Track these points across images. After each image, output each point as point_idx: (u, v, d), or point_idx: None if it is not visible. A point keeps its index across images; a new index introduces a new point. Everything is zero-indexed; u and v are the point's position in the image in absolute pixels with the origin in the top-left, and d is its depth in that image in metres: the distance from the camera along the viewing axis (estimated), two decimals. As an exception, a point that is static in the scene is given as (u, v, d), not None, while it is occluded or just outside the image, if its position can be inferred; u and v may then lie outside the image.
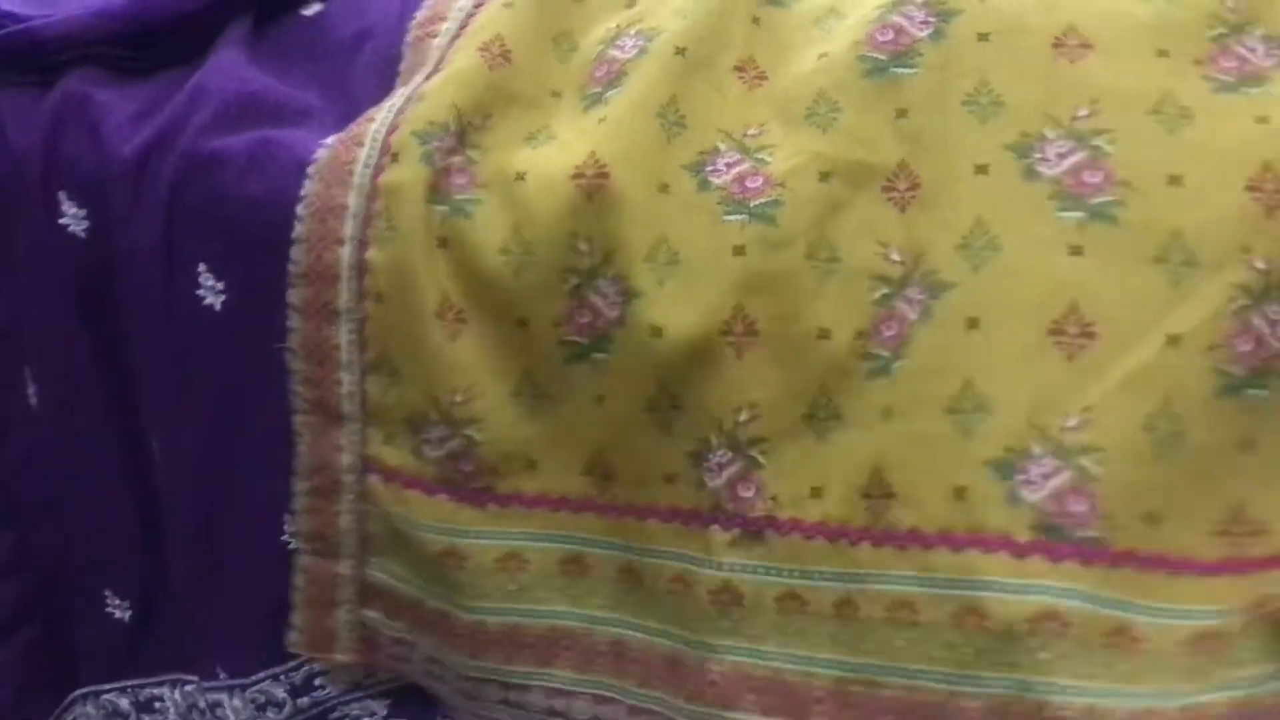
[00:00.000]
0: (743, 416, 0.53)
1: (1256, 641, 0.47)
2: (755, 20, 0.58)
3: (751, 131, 0.55)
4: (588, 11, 0.61)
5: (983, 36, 0.53)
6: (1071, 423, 0.47)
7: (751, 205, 0.52)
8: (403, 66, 0.61)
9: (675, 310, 0.52)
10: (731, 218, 0.52)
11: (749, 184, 0.53)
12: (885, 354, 0.51)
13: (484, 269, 0.54)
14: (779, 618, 0.53)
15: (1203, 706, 0.46)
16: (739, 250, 0.52)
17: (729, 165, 0.54)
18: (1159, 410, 0.47)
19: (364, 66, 0.62)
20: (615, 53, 0.58)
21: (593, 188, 0.53)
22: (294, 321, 0.56)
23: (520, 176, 0.55)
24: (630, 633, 0.56)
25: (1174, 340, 0.46)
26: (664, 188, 0.54)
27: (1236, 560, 0.47)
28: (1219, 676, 0.46)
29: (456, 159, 0.56)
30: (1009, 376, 0.48)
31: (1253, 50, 0.51)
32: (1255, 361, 0.47)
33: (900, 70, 0.54)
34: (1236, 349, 0.46)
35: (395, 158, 0.55)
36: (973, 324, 0.49)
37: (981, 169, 0.51)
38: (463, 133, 0.57)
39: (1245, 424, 0.47)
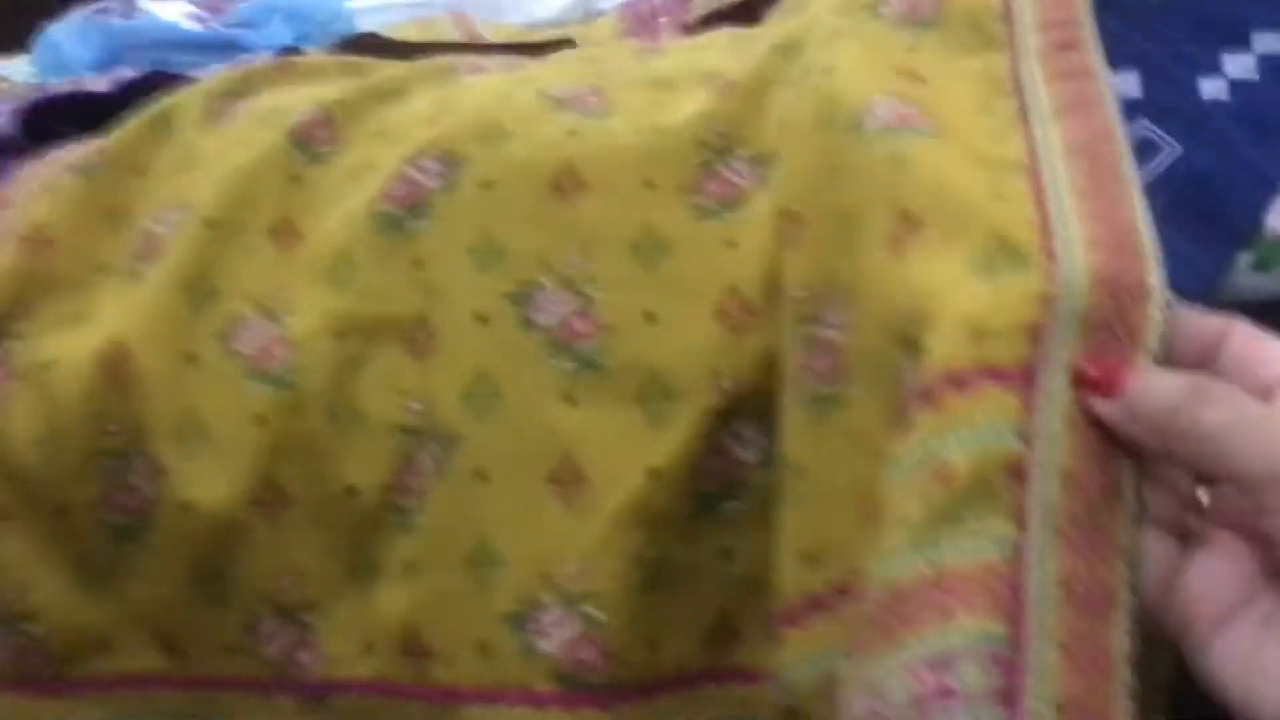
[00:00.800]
0: (285, 582, 0.53)
1: None
2: (294, 179, 0.58)
3: (281, 295, 0.55)
4: (148, 184, 0.61)
5: (486, 185, 0.54)
6: (572, 569, 0.48)
7: (271, 372, 0.53)
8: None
9: (203, 485, 0.52)
10: (254, 386, 0.53)
11: (273, 350, 0.54)
12: (410, 506, 0.52)
13: (20, 463, 0.54)
14: None
15: None
16: (261, 419, 0.52)
17: (254, 333, 0.54)
18: (646, 542, 0.48)
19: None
20: (155, 228, 0.58)
21: (114, 369, 0.53)
22: None
23: (49, 364, 0.54)
24: None
25: (654, 473, 0.48)
26: (191, 359, 0.54)
27: (716, 670, 0.49)
28: None
29: None
30: (517, 528, 0.50)
31: (738, 173, 0.54)
32: (725, 476, 0.49)
33: (414, 224, 0.55)
34: (708, 468, 0.48)
35: None
36: (481, 476, 0.50)
37: (482, 318, 0.52)
38: (1, 328, 0.56)
39: (723, 536, 0.49)
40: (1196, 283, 0.52)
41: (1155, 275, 0.38)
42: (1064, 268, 0.38)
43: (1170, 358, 0.37)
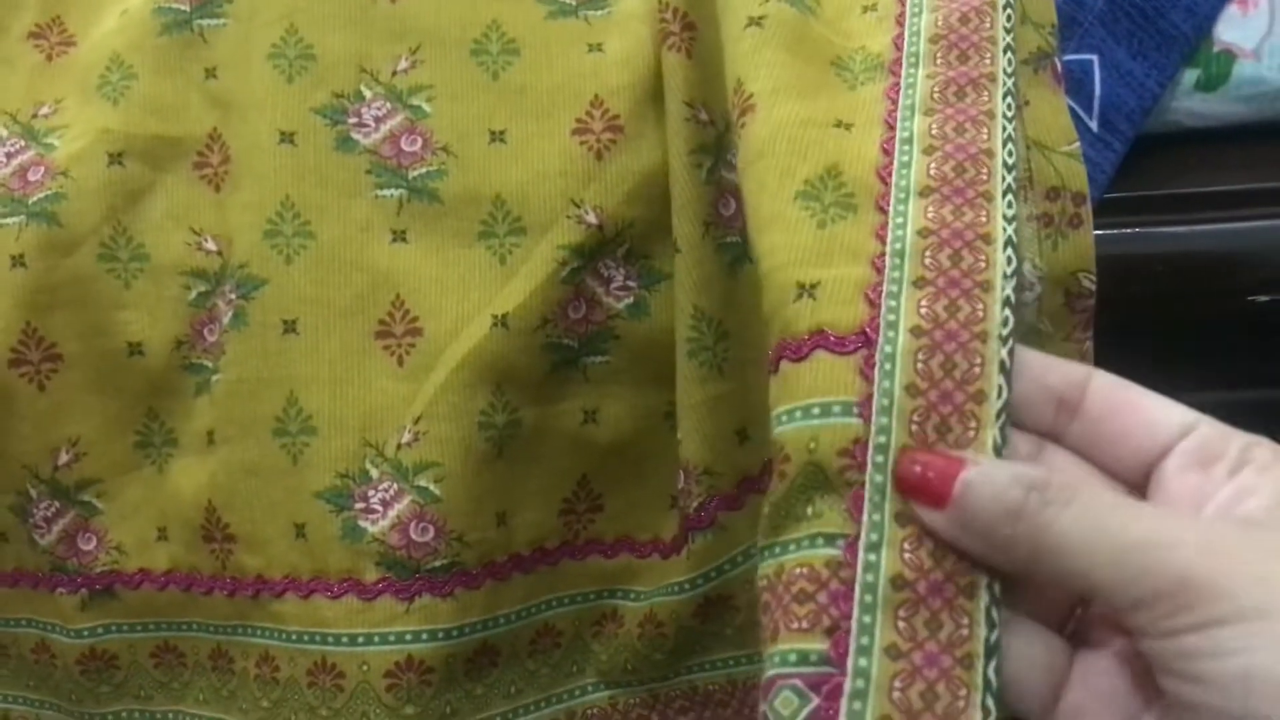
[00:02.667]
0: (63, 458, 0.44)
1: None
2: None
3: (44, 111, 0.45)
4: None
5: None
6: (406, 438, 0.40)
7: (29, 202, 0.43)
8: None
9: None
10: (7, 220, 0.43)
11: (30, 177, 0.43)
12: (209, 364, 0.43)
13: None
14: (160, 674, 0.45)
15: None
16: (18, 260, 0.42)
17: (9, 155, 0.44)
18: (492, 403, 0.40)
19: None
20: None
21: None
22: None
23: None
24: (12, 706, 0.48)
25: (500, 321, 0.40)
26: None
27: (574, 543, 0.43)
28: None
29: None
30: (334, 388, 0.41)
31: None
32: (590, 327, 0.41)
33: (205, 22, 0.45)
34: (569, 318, 0.40)
35: None
36: (290, 327, 0.42)
37: (287, 137, 0.42)
38: None
39: (586, 396, 0.41)
40: (1141, 102, 0.45)
41: (999, 227, 0.31)
42: (895, 222, 0.31)
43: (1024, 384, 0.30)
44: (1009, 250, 0.30)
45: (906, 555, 0.27)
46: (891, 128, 0.33)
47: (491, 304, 0.41)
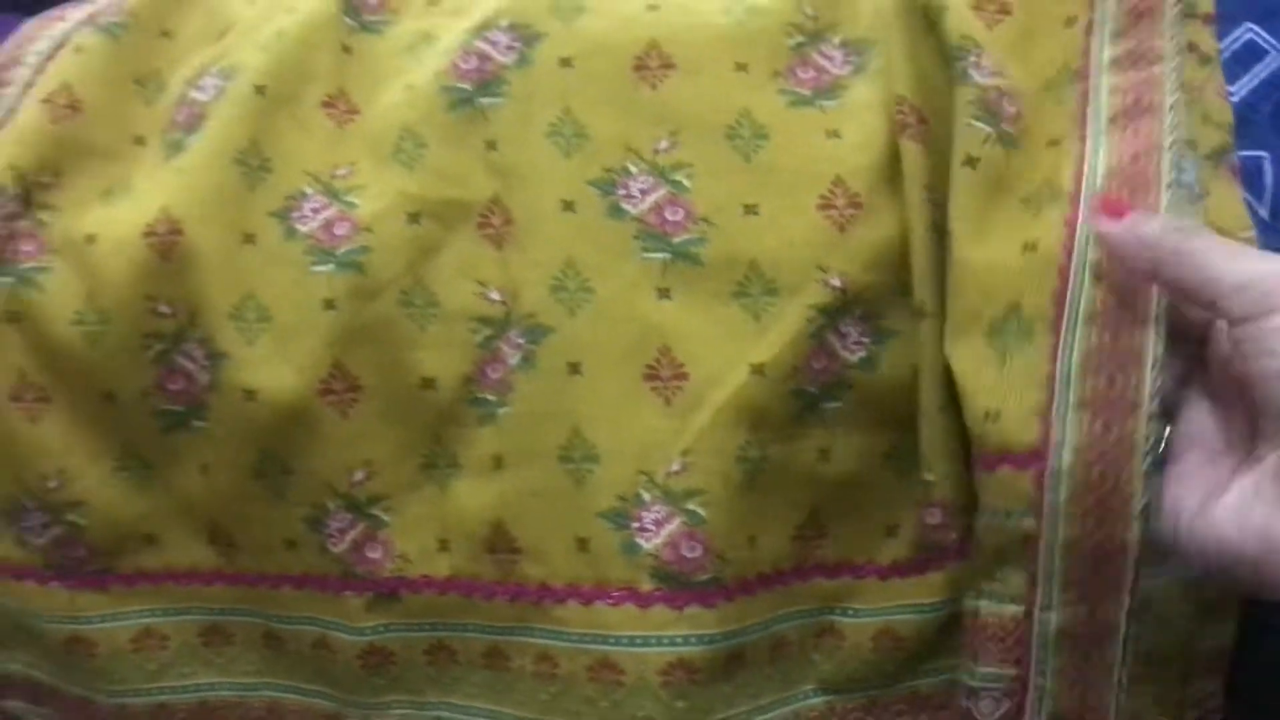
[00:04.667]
0: (357, 476, 0.51)
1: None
2: (346, 49, 0.54)
3: (340, 172, 0.52)
4: (177, 48, 0.57)
5: (565, 61, 0.51)
6: (675, 468, 0.47)
7: (339, 254, 0.50)
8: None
9: (268, 371, 0.49)
10: (319, 268, 0.50)
11: (336, 230, 0.50)
12: (492, 399, 0.50)
13: (59, 342, 0.50)
14: (432, 670, 0.52)
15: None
16: (329, 304, 0.49)
17: (315, 210, 0.51)
18: (748, 440, 0.47)
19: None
20: (196, 94, 0.54)
21: (166, 245, 0.49)
22: None
23: (90, 239, 0.50)
24: (286, 695, 0.54)
25: (757, 370, 0.47)
26: (249, 238, 0.50)
27: (802, 567, 0.50)
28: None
29: (22, 224, 0.51)
30: (613, 423, 0.48)
31: (830, 58, 0.51)
32: (827, 377, 0.47)
33: (486, 100, 0.52)
34: (812, 368, 0.47)
35: None
36: (574, 369, 0.48)
37: (569, 205, 0.49)
38: (27, 195, 0.52)
39: (822, 436, 0.48)
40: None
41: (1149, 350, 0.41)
42: (1064, 345, 0.42)
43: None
44: (1155, 370, 0.40)
45: (1067, 612, 0.41)
46: (1069, 256, 0.42)
47: (748, 355, 0.47)
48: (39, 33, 0.59)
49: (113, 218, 0.51)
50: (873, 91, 0.49)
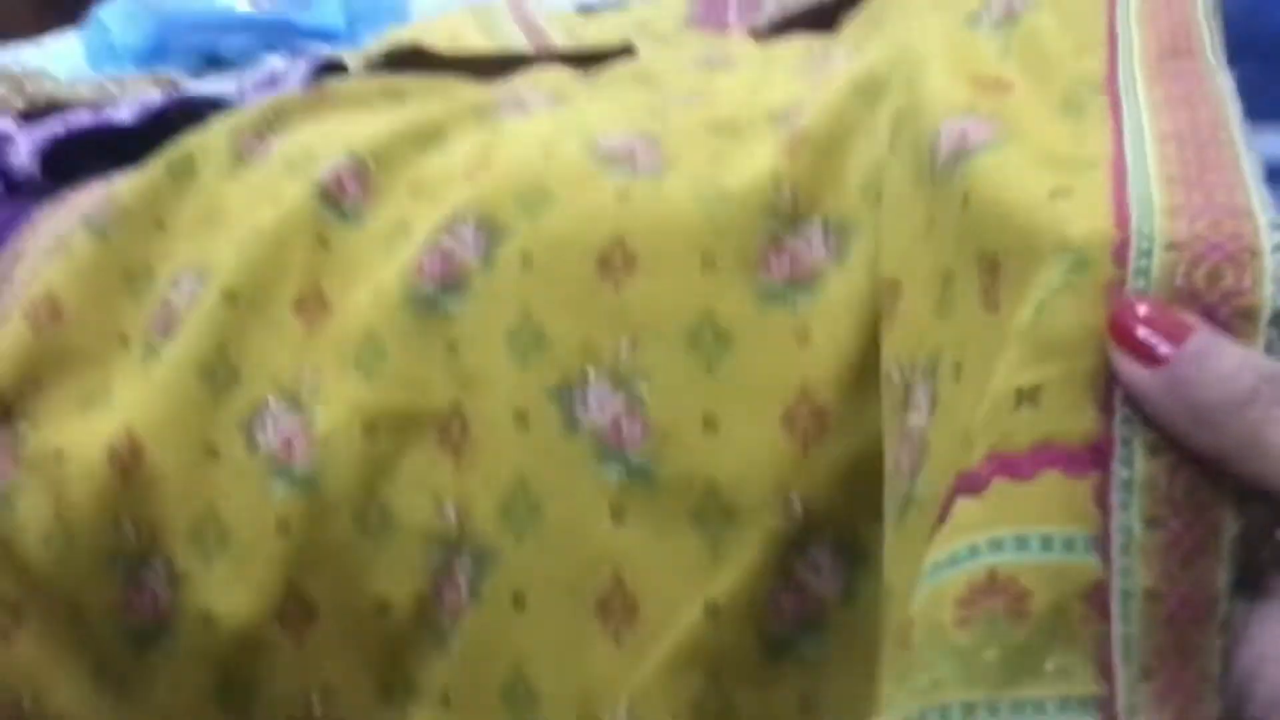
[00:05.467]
0: (314, 699, 0.49)
1: None
2: (323, 242, 0.53)
3: (308, 379, 0.51)
4: (168, 240, 0.56)
5: (527, 260, 0.48)
6: (621, 715, 0.43)
7: (297, 471, 0.48)
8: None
9: (225, 595, 0.48)
10: (278, 486, 0.48)
11: (295, 445, 0.49)
12: (446, 624, 0.47)
13: (31, 561, 0.50)
14: None
15: None
16: (284, 525, 0.48)
17: (277, 423, 0.50)
18: (706, 688, 0.43)
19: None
20: (173, 295, 0.53)
21: (128, 467, 0.49)
22: None
23: (59, 456, 0.50)
24: None
25: (713, 609, 0.43)
26: (212, 452, 0.49)
27: None
28: None
29: (1, 438, 0.52)
30: (558, 663, 0.45)
31: (809, 242, 0.47)
32: (801, 613, 0.43)
33: (450, 301, 0.50)
34: (780, 605, 0.43)
35: None
36: (518, 602, 0.46)
37: (522, 417, 0.47)
38: (8, 408, 0.52)
39: (802, 682, 0.43)
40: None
41: (1266, 294, 0.28)
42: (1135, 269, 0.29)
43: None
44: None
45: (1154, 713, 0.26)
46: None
47: (704, 589, 0.43)
48: (49, 223, 0.59)
49: (80, 431, 0.51)
50: (852, 282, 0.45)
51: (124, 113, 0.66)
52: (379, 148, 0.56)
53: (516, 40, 0.79)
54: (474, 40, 0.79)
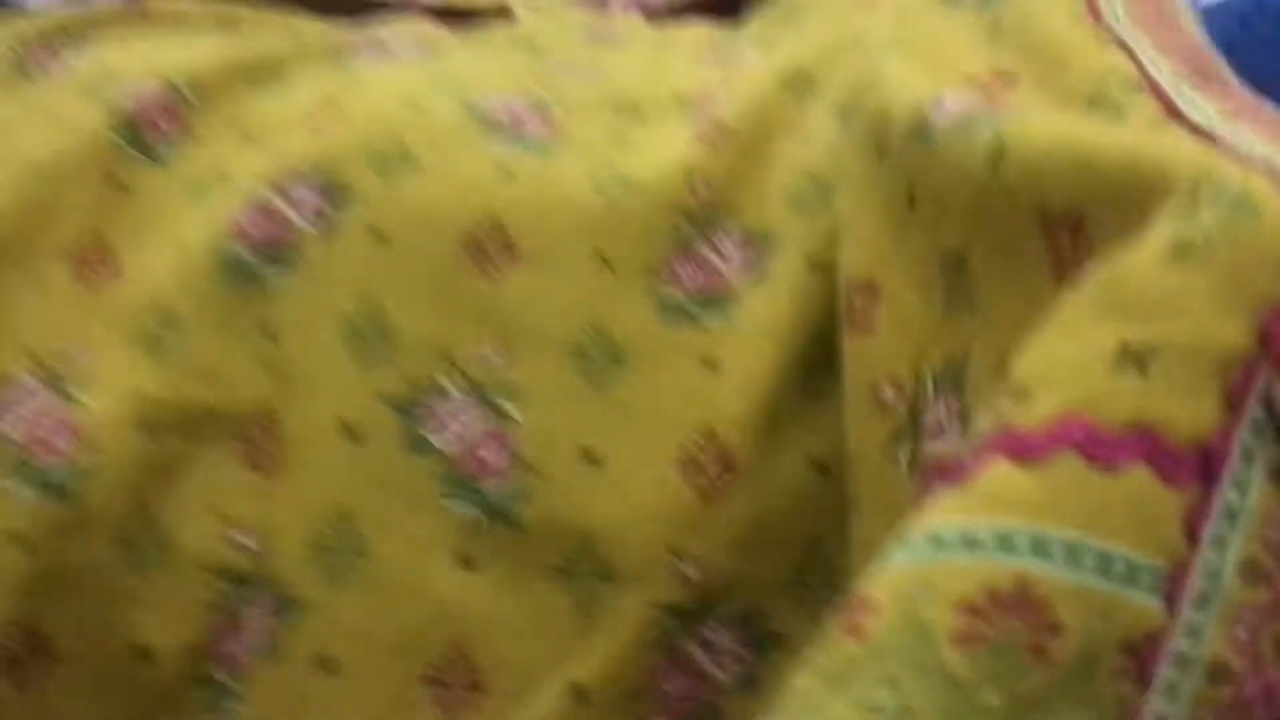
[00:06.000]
0: None
1: None
2: (116, 183, 0.42)
3: (74, 354, 0.40)
4: None
5: (378, 234, 0.39)
6: None
7: (47, 472, 0.37)
8: None
9: None
10: (20, 490, 0.37)
11: (50, 438, 0.38)
12: (227, 683, 0.37)
13: None
14: None
15: None
16: (23, 540, 0.37)
17: (25, 406, 0.38)
18: None
19: None
20: None
21: None
22: None
23: None
24: None
25: (578, 691, 0.34)
26: None
27: None
28: None
29: None
30: None
31: (723, 253, 0.39)
32: (690, 705, 0.35)
33: (272, 274, 0.40)
34: (664, 692, 0.34)
35: None
36: (328, 665, 0.36)
37: (352, 431, 0.37)
38: None
39: None
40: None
41: None
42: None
43: None
44: None
45: None
46: None
47: (567, 663, 0.35)
48: None
49: None
50: (774, 303, 0.37)
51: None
52: (202, 78, 0.45)
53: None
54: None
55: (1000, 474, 0.21)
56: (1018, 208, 0.27)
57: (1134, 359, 0.21)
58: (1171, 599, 0.20)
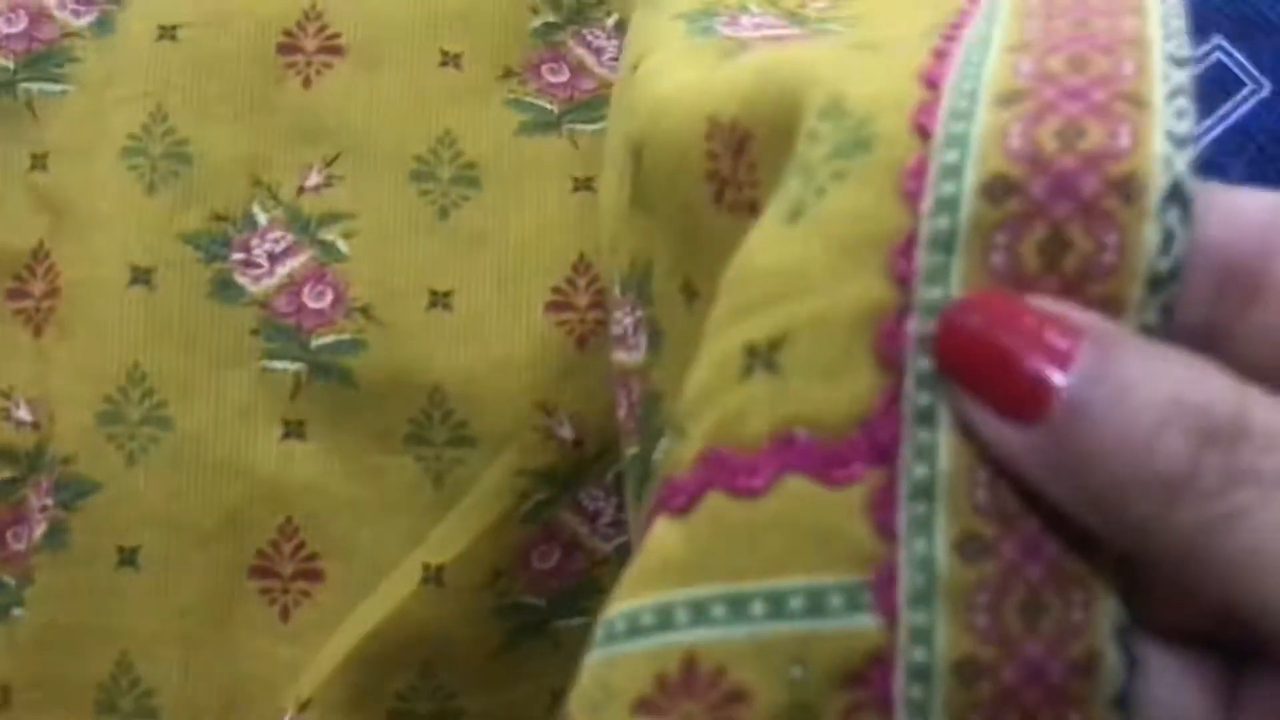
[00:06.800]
0: None
1: None
2: None
3: None
4: None
5: (167, 30, 0.32)
6: (288, 715, 0.29)
7: None
8: None
9: None
10: None
11: None
12: (9, 582, 0.31)
13: None
14: None
15: None
16: None
17: None
18: (414, 688, 0.30)
19: None
20: None
21: None
22: None
23: None
24: None
25: (433, 574, 0.28)
26: None
27: None
28: None
29: None
30: (189, 651, 0.31)
31: (599, 50, 0.33)
32: (564, 580, 0.30)
33: (36, 87, 0.33)
34: (534, 568, 0.29)
35: None
36: (127, 558, 0.31)
37: (144, 274, 0.31)
38: None
39: (554, 672, 0.31)
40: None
41: (1155, 156, 0.15)
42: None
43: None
44: None
45: None
46: None
47: (422, 544, 0.29)
48: None
49: None
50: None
51: None
52: None
53: None
54: None
55: (657, 536, 0.17)
56: (684, 105, 0.21)
57: (762, 359, 0.16)
58: (885, 608, 0.15)
